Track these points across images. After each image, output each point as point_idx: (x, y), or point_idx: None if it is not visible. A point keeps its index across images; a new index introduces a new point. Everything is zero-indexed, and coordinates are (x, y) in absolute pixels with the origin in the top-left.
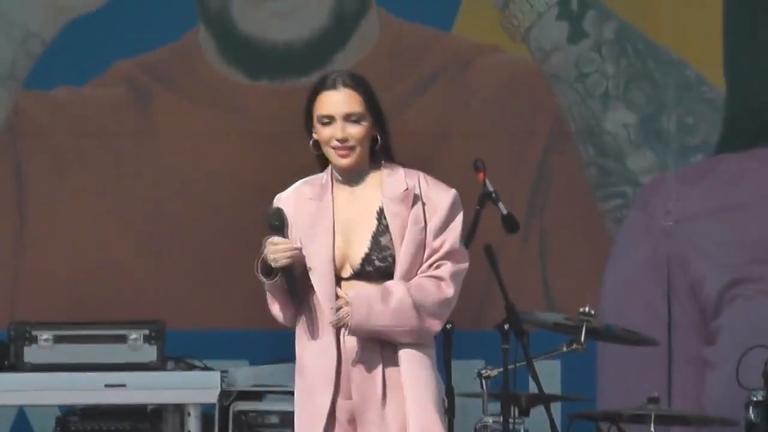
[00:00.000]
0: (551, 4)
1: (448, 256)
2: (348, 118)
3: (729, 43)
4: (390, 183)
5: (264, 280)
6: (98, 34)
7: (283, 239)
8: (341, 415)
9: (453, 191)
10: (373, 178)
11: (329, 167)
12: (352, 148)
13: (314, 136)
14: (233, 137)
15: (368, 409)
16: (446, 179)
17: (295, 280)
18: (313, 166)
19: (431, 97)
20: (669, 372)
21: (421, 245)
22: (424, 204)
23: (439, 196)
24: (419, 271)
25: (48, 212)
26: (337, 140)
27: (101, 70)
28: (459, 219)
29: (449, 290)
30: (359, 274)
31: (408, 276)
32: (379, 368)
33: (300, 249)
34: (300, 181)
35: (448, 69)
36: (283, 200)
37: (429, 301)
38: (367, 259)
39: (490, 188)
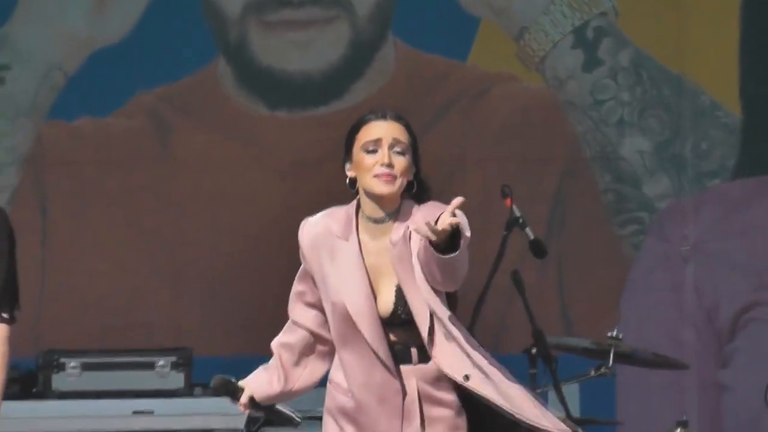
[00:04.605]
0: (566, 32)
1: None
2: (394, 146)
3: (745, 67)
4: (396, 227)
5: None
6: (119, 67)
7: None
8: None
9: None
10: (392, 222)
11: (354, 202)
12: (395, 177)
13: (350, 173)
14: (253, 167)
15: None
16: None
17: (270, 410)
18: (332, 196)
19: (447, 125)
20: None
21: None
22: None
23: (431, 214)
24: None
25: (71, 241)
26: (383, 165)
27: (123, 102)
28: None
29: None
30: (388, 324)
31: (440, 308)
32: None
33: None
34: (324, 213)
35: (463, 98)
36: (311, 224)
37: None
38: (394, 313)
39: (518, 213)
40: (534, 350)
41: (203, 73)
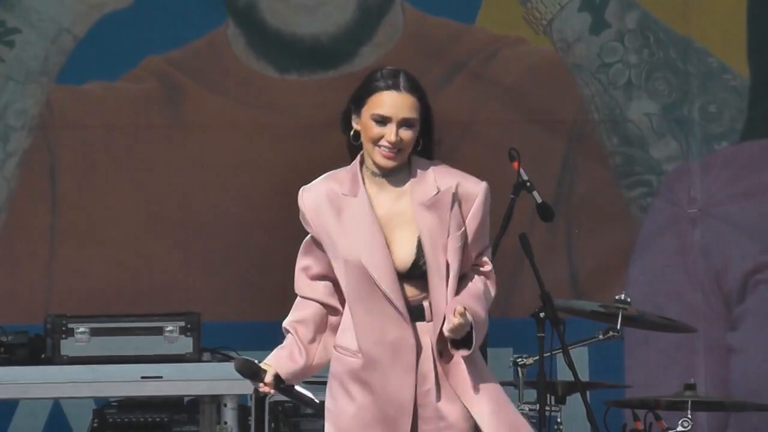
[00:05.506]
0: None
1: (486, 250)
2: (403, 123)
3: (753, 29)
4: (419, 187)
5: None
6: (129, 30)
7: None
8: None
9: (484, 184)
10: (404, 174)
11: (357, 159)
12: (400, 152)
13: (355, 126)
14: (263, 131)
15: (427, 402)
16: (471, 169)
17: (293, 393)
18: (341, 160)
19: (455, 88)
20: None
21: (465, 246)
22: (461, 205)
23: (474, 190)
24: (472, 264)
25: (80, 205)
26: (389, 142)
27: (132, 66)
28: (487, 211)
29: (494, 290)
30: (407, 277)
31: (459, 276)
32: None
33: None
34: (323, 177)
35: (471, 61)
36: (310, 190)
37: (488, 305)
38: (414, 265)
39: (525, 177)
40: (542, 313)
41: (213, 36)
